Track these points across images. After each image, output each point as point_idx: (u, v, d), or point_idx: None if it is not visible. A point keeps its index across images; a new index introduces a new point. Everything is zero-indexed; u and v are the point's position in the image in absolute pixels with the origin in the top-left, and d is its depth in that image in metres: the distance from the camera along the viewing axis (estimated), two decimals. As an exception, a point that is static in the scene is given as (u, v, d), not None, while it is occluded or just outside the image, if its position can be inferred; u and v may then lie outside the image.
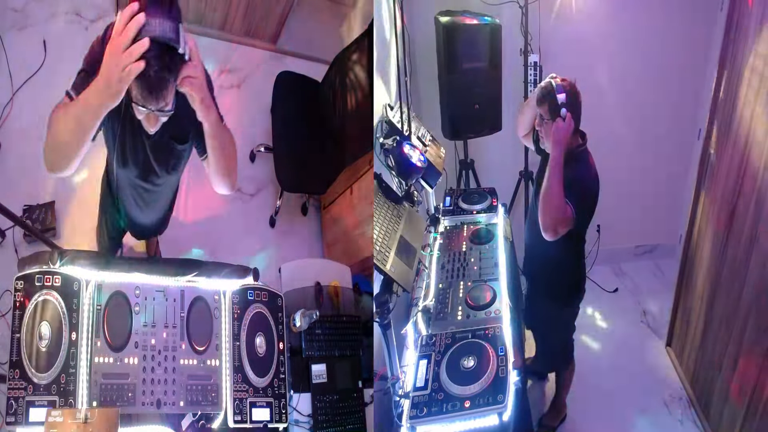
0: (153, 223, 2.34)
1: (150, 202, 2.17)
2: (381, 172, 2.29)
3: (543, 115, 2.16)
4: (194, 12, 3.54)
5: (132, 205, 2.16)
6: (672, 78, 3.45)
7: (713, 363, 2.59)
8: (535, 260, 2.52)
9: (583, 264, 2.43)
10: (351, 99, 3.03)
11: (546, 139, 2.19)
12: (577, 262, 2.40)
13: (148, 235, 2.54)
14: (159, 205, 2.24)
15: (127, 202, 2.15)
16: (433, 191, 2.60)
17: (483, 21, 2.94)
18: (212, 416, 1.80)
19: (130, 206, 2.17)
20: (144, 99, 1.41)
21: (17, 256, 2.67)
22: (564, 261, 2.35)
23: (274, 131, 3.31)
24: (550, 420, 2.81)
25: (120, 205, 2.18)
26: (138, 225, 2.33)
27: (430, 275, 2.23)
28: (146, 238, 2.60)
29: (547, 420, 2.81)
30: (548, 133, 2.15)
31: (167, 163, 1.93)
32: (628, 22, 3.32)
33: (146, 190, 2.07)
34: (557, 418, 2.82)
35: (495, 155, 3.50)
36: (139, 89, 1.39)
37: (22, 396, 1.52)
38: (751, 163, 2.23)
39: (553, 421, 2.81)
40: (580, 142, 2.21)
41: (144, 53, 1.30)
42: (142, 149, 1.83)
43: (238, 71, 3.74)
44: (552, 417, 2.81)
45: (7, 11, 3.17)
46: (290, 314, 2.11)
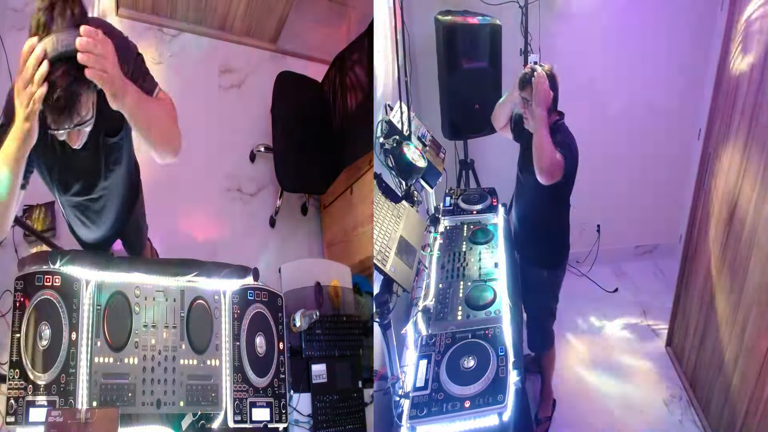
0: (109, 234, 2.12)
1: (99, 213, 1.98)
2: (381, 172, 2.29)
3: (527, 98, 2.30)
4: (194, 12, 3.54)
5: (79, 225, 2.00)
6: (672, 78, 3.45)
7: (713, 363, 2.59)
8: (526, 228, 2.60)
9: (567, 224, 2.55)
10: (351, 99, 3.03)
11: (531, 119, 2.31)
12: (561, 222, 2.54)
13: (135, 240, 2.35)
14: (111, 211, 2.02)
15: (75, 224, 2.00)
16: (433, 191, 2.60)
17: (483, 21, 2.94)
18: (212, 416, 1.80)
19: (77, 227, 2.02)
20: (57, 122, 1.32)
21: (17, 256, 2.67)
22: (552, 222, 2.52)
23: (274, 131, 3.31)
24: (543, 412, 2.82)
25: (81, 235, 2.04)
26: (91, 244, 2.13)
27: (430, 275, 2.23)
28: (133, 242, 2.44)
29: (541, 413, 2.82)
30: (533, 114, 2.28)
31: (106, 163, 1.78)
32: (628, 23, 3.33)
33: (92, 202, 1.91)
34: (549, 406, 2.84)
35: (495, 155, 3.50)
36: (50, 114, 1.29)
37: (22, 396, 1.52)
38: (751, 163, 2.23)
39: (547, 412, 2.83)
40: (557, 118, 2.36)
41: (48, 76, 1.24)
42: (76, 164, 1.70)
43: (238, 71, 3.75)
44: (544, 408, 2.83)
45: (7, 11, 3.17)
46: (290, 314, 2.11)
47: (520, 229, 2.62)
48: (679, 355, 3.08)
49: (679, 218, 3.74)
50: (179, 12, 3.52)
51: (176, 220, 3.19)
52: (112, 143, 1.73)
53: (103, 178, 1.83)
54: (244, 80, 3.75)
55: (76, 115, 1.32)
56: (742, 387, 2.30)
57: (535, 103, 2.25)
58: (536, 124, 2.25)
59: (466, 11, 3.00)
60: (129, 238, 2.30)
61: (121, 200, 2.02)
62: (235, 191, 3.50)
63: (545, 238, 2.57)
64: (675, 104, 3.51)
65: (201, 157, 3.40)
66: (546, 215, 2.51)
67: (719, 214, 2.52)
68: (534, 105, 2.27)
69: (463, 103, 2.99)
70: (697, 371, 2.82)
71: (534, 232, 2.59)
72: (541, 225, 2.55)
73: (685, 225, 3.02)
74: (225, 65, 3.71)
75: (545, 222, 2.54)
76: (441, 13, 2.98)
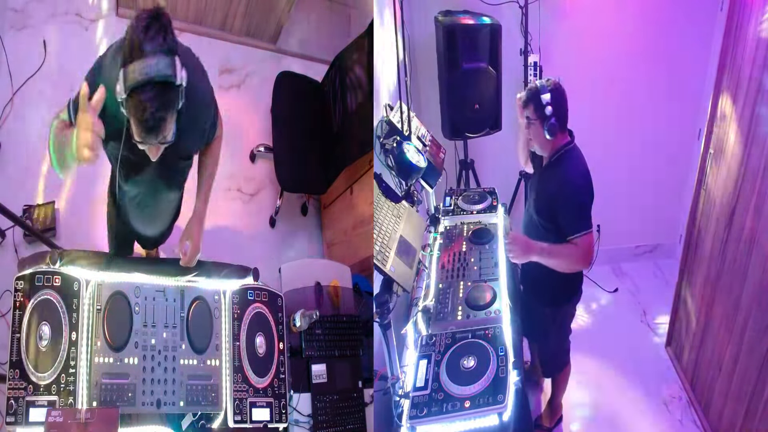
0: (159, 234, 2.34)
1: (156, 217, 2.19)
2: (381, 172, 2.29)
3: (529, 117, 2.16)
4: (194, 12, 3.54)
5: (137, 219, 2.15)
6: (672, 78, 3.45)
7: (713, 363, 2.59)
8: (532, 265, 2.47)
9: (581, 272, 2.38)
10: (351, 99, 3.03)
11: (534, 140, 2.20)
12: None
13: (155, 245, 2.53)
14: (164, 218, 2.25)
15: (132, 217, 2.14)
16: (433, 191, 2.60)
17: (483, 21, 2.94)
18: (212, 416, 1.80)
19: (134, 220, 2.16)
20: (143, 138, 1.44)
21: (17, 256, 2.67)
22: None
23: (274, 131, 3.31)
24: (546, 421, 2.80)
25: (126, 219, 2.17)
26: (144, 237, 2.33)
27: (430, 275, 2.23)
28: (153, 248, 2.58)
29: (543, 421, 2.81)
30: (537, 134, 2.16)
31: (173, 180, 1.98)
32: (628, 23, 3.32)
33: (152, 206, 2.08)
34: (553, 418, 2.81)
35: (495, 155, 3.50)
36: (138, 129, 1.41)
37: (22, 396, 1.52)
38: (751, 163, 2.23)
39: (549, 422, 2.81)
40: (567, 140, 2.21)
41: (140, 96, 1.34)
42: (147, 171, 1.84)
43: (238, 71, 3.74)
44: (548, 417, 2.81)
45: (7, 11, 3.17)
46: (290, 314, 2.11)
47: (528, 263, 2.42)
48: (679, 355, 3.08)
49: (679, 218, 3.74)
50: (179, 12, 3.52)
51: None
52: (182, 165, 1.92)
53: (167, 192, 2.02)
54: (244, 80, 3.75)
55: (161, 134, 1.44)
56: (742, 387, 2.30)
57: (537, 147, 2.16)
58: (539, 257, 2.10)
59: (466, 11, 3.00)
60: (158, 242, 2.47)
61: (172, 215, 2.25)
62: (235, 191, 3.50)
63: (556, 276, 2.25)
64: (675, 104, 3.51)
65: (201, 157, 3.41)
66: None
67: (719, 214, 2.52)
68: (537, 148, 2.19)
69: (463, 103, 2.99)
70: (697, 371, 2.82)
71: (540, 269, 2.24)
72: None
73: (685, 225, 3.02)
74: (225, 65, 3.71)
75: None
76: (441, 13, 2.98)
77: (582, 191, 2.13)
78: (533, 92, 2.13)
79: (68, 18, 3.32)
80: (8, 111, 2.98)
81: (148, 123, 1.38)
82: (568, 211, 2.12)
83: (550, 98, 2.08)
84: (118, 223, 2.22)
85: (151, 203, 2.05)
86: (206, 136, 1.86)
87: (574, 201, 2.12)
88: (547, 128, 2.10)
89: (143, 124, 1.39)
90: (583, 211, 2.11)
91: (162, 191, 2.01)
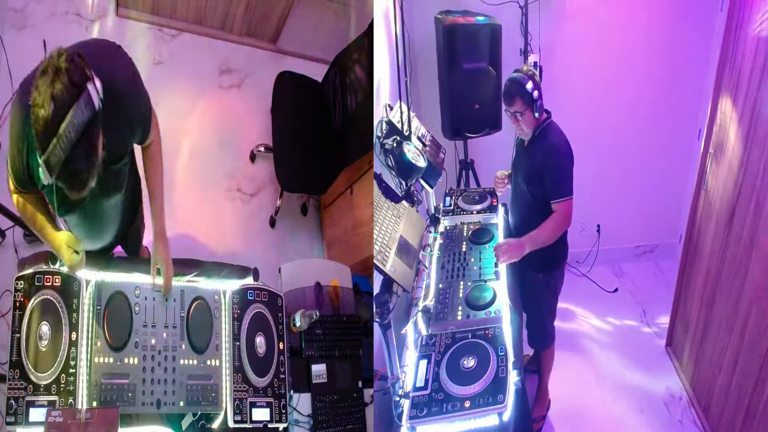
0: (131, 234, 2.21)
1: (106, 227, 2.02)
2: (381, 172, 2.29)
3: (518, 110, 2.28)
4: (194, 12, 3.54)
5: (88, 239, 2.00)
6: (672, 78, 3.45)
7: (713, 363, 2.59)
8: (522, 231, 2.50)
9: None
10: (351, 99, 3.03)
11: (526, 127, 2.32)
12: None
13: (136, 246, 2.41)
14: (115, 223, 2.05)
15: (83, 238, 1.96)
16: (433, 191, 2.60)
17: (483, 21, 2.94)
18: (212, 416, 1.80)
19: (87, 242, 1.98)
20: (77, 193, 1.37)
21: (17, 256, 2.67)
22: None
23: (274, 131, 3.31)
24: (537, 411, 2.81)
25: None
26: (123, 243, 2.21)
27: (430, 275, 2.23)
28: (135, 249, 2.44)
29: (535, 412, 2.81)
30: (528, 121, 2.29)
31: (111, 186, 1.82)
32: (628, 23, 3.32)
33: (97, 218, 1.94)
34: (543, 406, 2.83)
35: (495, 155, 3.49)
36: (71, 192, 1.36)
37: (22, 396, 1.52)
38: (751, 162, 2.23)
39: (541, 411, 2.82)
40: (545, 117, 2.36)
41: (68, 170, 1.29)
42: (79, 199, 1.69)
43: (238, 71, 3.74)
44: (539, 407, 2.82)
45: (7, 11, 3.17)
46: (290, 314, 2.11)
47: (518, 232, 2.58)
48: (679, 355, 3.08)
49: (679, 218, 3.74)
50: (179, 12, 3.52)
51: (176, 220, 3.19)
52: (114, 169, 1.76)
53: (107, 198, 1.86)
54: (244, 80, 3.75)
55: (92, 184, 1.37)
56: (742, 387, 2.30)
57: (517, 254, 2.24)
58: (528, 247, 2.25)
59: (466, 11, 3.00)
60: (128, 242, 2.33)
61: (122, 216, 2.05)
62: (235, 191, 3.50)
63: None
64: (675, 104, 3.51)
65: (201, 157, 3.40)
66: (542, 219, 2.38)
67: (719, 214, 2.52)
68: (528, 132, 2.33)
69: (463, 103, 2.99)
70: (697, 371, 2.82)
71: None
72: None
73: (685, 225, 3.02)
74: (225, 65, 3.71)
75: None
76: (441, 13, 2.98)
77: (566, 157, 2.31)
78: (517, 87, 2.26)
79: (68, 18, 3.32)
80: (8, 111, 2.98)
81: (81, 184, 1.34)
82: (555, 176, 2.29)
83: (532, 85, 2.25)
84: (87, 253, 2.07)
85: (94, 216, 1.91)
86: (137, 132, 1.70)
87: (560, 166, 2.29)
88: (537, 110, 2.28)
89: (76, 189, 1.34)
90: (566, 175, 2.29)
91: (101, 201, 1.86)
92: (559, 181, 2.29)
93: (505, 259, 2.22)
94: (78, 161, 1.29)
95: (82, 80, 1.28)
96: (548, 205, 2.32)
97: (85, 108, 1.27)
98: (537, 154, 2.35)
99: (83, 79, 1.29)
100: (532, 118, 2.30)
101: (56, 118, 1.24)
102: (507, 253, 2.22)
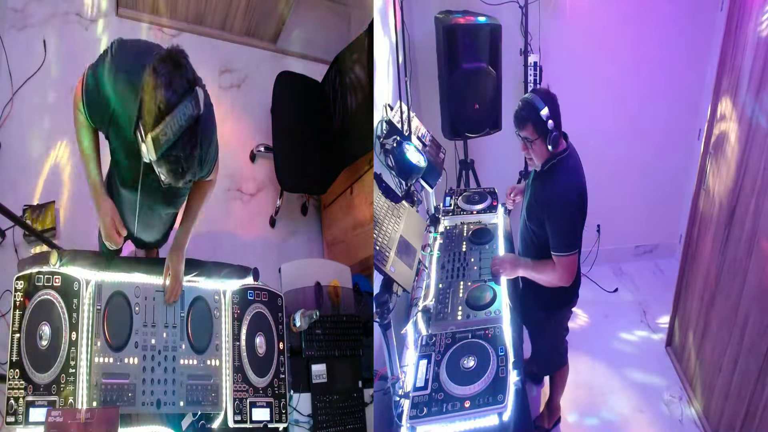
0: (154, 239, 2.30)
1: (149, 226, 2.14)
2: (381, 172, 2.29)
3: (529, 137, 2.03)
4: (194, 12, 3.54)
5: (132, 222, 2.09)
6: (672, 78, 3.45)
7: (713, 363, 2.59)
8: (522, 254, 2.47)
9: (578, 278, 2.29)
10: (351, 99, 3.03)
11: (536, 158, 2.09)
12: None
13: (149, 247, 2.47)
14: (158, 229, 2.22)
15: (128, 218, 2.08)
16: (433, 191, 2.60)
17: (483, 21, 2.94)
18: (212, 416, 1.80)
19: (130, 223, 2.10)
20: (172, 182, 1.47)
21: (17, 256, 2.67)
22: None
23: (274, 131, 3.31)
24: (543, 422, 2.80)
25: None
26: (138, 239, 2.26)
27: (430, 275, 2.23)
28: (146, 248, 2.53)
29: (541, 422, 2.80)
30: (540, 152, 2.04)
31: (171, 199, 1.98)
32: (627, 23, 3.32)
33: (146, 215, 2.04)
34: (551, 419, 2.81)
35: (495, 155, 3.50)
36: (168, 178, 1.44)
37: (22, 396, 1.52)
38: (751, 163, 2.23)
39: (547, 423, 2.80)
40: (563, 147, 2.09)
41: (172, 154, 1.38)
42: (146, 184, 1.80)
43: (238, 71, 3.74)
44: (546, 419, 2.81)
45: (7, 11, 3.17)
46: (290, 314, 2.11)
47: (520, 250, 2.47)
48: (679, 355, 3.08)
49: (679, 218, 3.74)
50: (179, 12, 3.52)
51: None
52: (184, 189, 1.91)
53: (165, 208, 2.03)
54: (244, 80, 3.75)
55: (191, 176, 1.49)
56: (742, 387, 2.30)
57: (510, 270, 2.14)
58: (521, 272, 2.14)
59: (466, 11, 3.00)
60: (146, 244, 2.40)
61: (161, 229, 2.24)
62: (235, 191, 3.50)
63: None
64: (675, 104, 3.51)
65: (201, 157, 3.41)
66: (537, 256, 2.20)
67: (719, 214, 2.52)
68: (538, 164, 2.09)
69: (463, 103, 2.99)
70: (697, 371, 2.82)
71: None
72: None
73: (685, 225, 3.02)
74: (225, 65, 3.71)
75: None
76: (441, 13, 2.98)
77: (573, 207, 2.03)
78: (529, 110, 1.98)
79: (68, 18, 3.32)
80: (8, 111, 2.98)
81: (181, 173, 1.42)
82: (556, 225, 2.03)
83: (548, 112, 1.97)
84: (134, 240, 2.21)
85: (146, 212, 2.01)
86: (208, 160, 1.76)
87: (563, 216, 2.02)
88: (551, 141, 1.99)
89: (175, 176, 1.43)
90: (571, 228, 2.03)
91: (158, 207, 1.99)
92: (562, 234, 2.03)
93: (496, 271, 2.14)
94: (183, 148, 1.38)
95: (194, 80, 1.40)
96: (548, 247, 2.09)
97: (193, 105, 1.38)
98: (541, 194, 2.10)
99: (195, 79, 1.41)
100: (545, 149, 2.02)
101: (170, 104, 1.34)
102: (499, 266, 2.14)
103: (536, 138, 2.01)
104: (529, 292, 2.41)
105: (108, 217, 1.80)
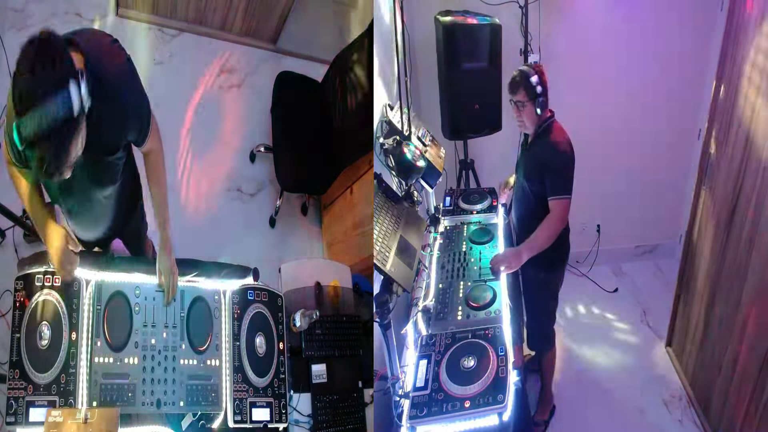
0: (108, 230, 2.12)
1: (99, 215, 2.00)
2: (381, 172, 2.29)
3: (521, 100, 2.32)
4: (194, 12, 3.54)
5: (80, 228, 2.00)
6: (672, 78, 3.45)
7: (713, 363, 2.59)
8: (524, 229, 2.50)
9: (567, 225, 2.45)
10: (351, 99, 3.03)
11: (527, 120, 2.36)
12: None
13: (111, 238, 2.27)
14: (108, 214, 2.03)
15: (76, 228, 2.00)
16: (433, 191, 2.60)
17: (483, 21, 2.93)
18: (212, 416, 1.80)
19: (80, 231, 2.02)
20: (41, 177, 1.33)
21: (17, 256, 2.67)
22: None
23: (274, 131, 3.31)
24: (540, 415, 2.81)
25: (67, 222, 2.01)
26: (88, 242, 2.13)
27: (430, 275, 2.23)
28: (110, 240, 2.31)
29: (539, 416, 2.81)
30: (530, 113, 2.33)
31: (104, 177, 1.81)
32: (627, 22, 3.32)
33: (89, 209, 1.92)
34: (547, 410, 2.83)
35: (495, 155, 3.50)
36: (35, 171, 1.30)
37: (22, 396, 1.52)
38: (751, 163, 2.23)
39: (544, 415, 2.82)
40: (549, 114, 2.39)
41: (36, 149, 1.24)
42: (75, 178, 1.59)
43: (238, 71, 3.74)
44: (542, 411, 2.82)
45: (7, 11, 3.17)
46: (290, 314, 2.11)
47: (520, 229, 2.60)
48: (679, 355, 3.08)
49: (679, 218, 3.74)
50: (179, 12, 3.52)
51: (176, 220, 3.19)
52: (108, 161, 1.75)
53: (98, 192, 1.85)
54: (244, 80, 3.75)
55: (62, 174, 1.32)
56: (742, 387, 2.30)
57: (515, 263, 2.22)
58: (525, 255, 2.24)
59: (466, 11, 3.00)
60: (128, 239, 2.32)
61: (117, 210, 2.03)
62: (235, 191, 3.50)
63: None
64: (675, 104, 3.51)
65: (201, 157, 3.41)
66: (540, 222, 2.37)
67: (719, 214, 2.52)
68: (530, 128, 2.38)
69: (463, 103, 2.99)
70: (697, 371, 2.82)
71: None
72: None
73: (685, 225, 3.02)
74: (225, 65, 3.71)
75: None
76: (441, 13, 2.98)
77: (566, 156, 2.33)
78: (522, 77, 2.31)
79: (68, 18, 3.32)
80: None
81: (48, 171, 1.28)
82: (555, 173, 2.30)
83: (537, 79, 2.30)
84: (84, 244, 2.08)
85: (83, 200, 1.88)
86: (130, 128, 1.66)
87: (560, 163, 2.30)
88: (539, 105, 2.31)
89: (43, 173, 1.28)
90: (566, 174, 2.30)
91: (94, 191, 1.85)
92: (558, 178, 2.29)
93: (504, 269, 2.18)
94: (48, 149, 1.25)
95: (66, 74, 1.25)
96: (545, 201, 2.32)
97: (61, 106, 1.23)
98: (538, 152, 2.37)
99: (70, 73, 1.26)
100: (534, 112, 2.32)
101: (31, 94, 1.20)
102: (504, 263, 2.17)
103: (527, 101, 2.32)
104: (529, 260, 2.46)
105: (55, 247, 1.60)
